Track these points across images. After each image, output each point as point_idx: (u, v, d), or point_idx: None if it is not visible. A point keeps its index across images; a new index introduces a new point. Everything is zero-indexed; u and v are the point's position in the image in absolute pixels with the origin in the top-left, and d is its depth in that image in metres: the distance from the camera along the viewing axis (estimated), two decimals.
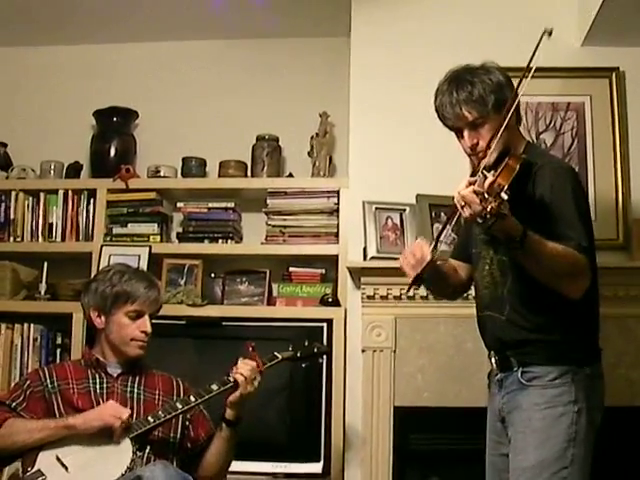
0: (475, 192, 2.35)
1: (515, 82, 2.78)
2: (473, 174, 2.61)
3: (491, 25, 4.35)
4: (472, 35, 4.30)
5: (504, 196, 2.30)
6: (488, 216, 2.32)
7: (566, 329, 2.68)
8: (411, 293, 2.85)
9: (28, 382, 3.13)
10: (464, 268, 3.05)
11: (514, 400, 2.72)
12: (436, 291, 3.27)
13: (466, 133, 2.75)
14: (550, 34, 2.62)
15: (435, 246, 2.76)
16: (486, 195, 2.31)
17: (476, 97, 2.71)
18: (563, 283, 2.57)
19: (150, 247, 4.60)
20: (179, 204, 4.78)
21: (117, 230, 4.71)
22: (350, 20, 4.51)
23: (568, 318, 2.67)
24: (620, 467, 3.86)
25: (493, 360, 2.84)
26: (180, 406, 3.06)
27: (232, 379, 3.11)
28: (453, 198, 2.48)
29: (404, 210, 4.27)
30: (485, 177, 2.43)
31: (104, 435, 2.93)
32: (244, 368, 3.12)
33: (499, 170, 2.47)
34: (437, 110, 2.81)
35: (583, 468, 2.63)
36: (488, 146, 2.65)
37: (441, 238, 2.77)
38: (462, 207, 2.43)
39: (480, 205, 2.32)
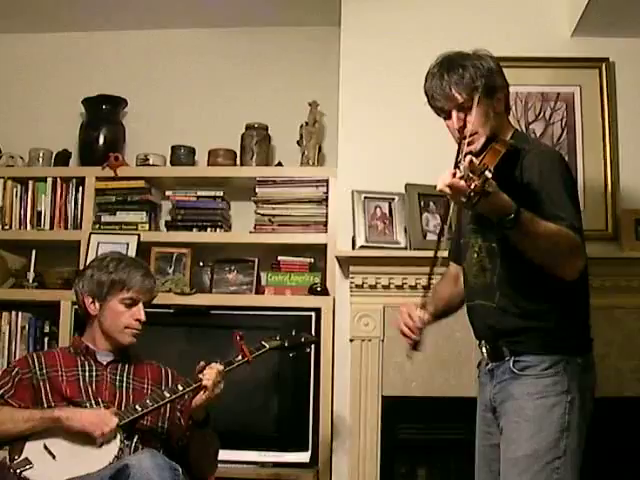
0: (455, 173, 2.32)
1: (506, 71, 2.78)
2: (456, 164, 2.57)
3: (481, 14, 4.35)
4: (462, 24, 4.30)
5: (488, 174, 2.27)
6: (472, 194, 2.27)
7: (558, 316, 2.66)
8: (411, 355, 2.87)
9: (17, 369, 3.12)
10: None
11: (506, 390, 2.70)
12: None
13: (454, 114, 2.72)
14: None
15: (423, 306, 2.81)
16: (470, 174, 2.28)
17: (467, 80, 2.69)
18: (559, 263, 2.54)
19: (139, 235, 4.59)
20: (168, 192, 4.77)
21: (106, 218, 4.70)
22: (340, 9, 4.51)
23: (559, 305, 2.66)
24: (608, 457, 3.87)
25: (484, 350, 2.82)
26: (168, 395, 3.06)
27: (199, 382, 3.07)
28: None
29: (393, 199, 4.27)
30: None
31: None
32: (211, 373, 3.07)
33: (484, 153, 2.47)
34: (426, 92, 2.79)
35: (575, 458, 2.62)
36: (466, 127, 2.64)
37: (431, 285, 2.83)
38: (447, 192, 2.40)
39: (465, 184, 2.28)
